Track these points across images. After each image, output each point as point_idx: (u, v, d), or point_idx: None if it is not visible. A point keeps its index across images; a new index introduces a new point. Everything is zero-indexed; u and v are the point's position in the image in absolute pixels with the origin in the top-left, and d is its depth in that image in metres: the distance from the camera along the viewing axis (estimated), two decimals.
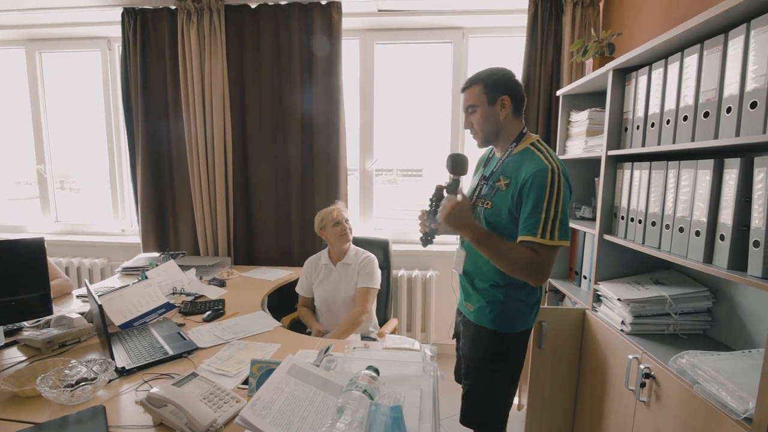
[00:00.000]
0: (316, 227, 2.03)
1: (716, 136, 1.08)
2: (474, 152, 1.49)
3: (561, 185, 1.15)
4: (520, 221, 1.18)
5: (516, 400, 2.07)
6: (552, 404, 1.72)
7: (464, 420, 1.39)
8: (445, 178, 1.33)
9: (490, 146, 1.39)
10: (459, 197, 1.26)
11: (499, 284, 1.29)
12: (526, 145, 1.25)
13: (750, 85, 0.98)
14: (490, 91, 1.24)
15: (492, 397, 1.35)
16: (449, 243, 2.55)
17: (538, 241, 1.13)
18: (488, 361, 1.32)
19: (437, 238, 1.48)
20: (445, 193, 1.30)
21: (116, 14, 2.51)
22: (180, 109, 2.54)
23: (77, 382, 1.10)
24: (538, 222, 1.13)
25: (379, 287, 1.96)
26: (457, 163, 1.28)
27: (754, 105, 0.96)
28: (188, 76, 2.47)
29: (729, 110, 1.03)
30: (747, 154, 1.02)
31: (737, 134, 1.01)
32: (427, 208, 1.35)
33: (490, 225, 1.26)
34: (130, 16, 2.49)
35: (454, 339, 1.58)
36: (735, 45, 1.02)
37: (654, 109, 1.33)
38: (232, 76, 2.51)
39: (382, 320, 2.15)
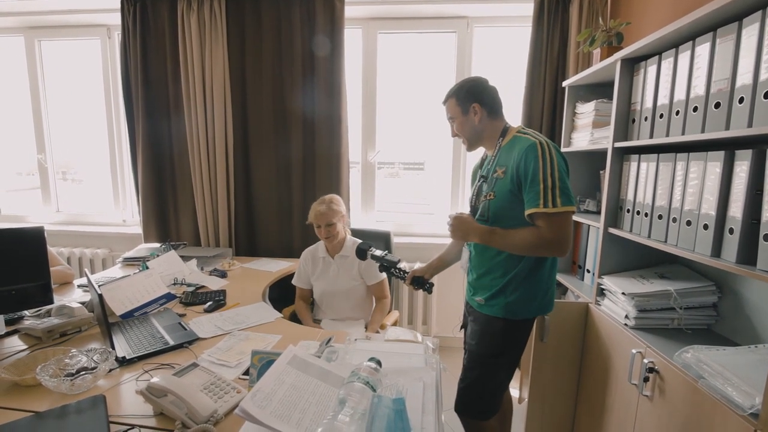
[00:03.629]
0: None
1: (727, 127, 1.05)
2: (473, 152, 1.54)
3: (552, 155, 1.19)
4: (524, 197, 1.22)
5: (517, 393, 2.07)
6: (553, 398, 1.72)
7: (461, 410, 1.41)
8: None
9: (481, 158, 1.49)
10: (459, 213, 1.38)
11: (506, 274, 1.32)
12: (512, 136, 1.33)
13: (764, 75, 0.95)
14: (462, 102, 1.36)
15: (492, 389, 1.39)
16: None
17: (542, 210, 1.17)
18: (495, 355, 1.35)
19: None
20: (391, 269, 1.57)
21: (116, 1, 2.47)
22: (180, 98, 2.52)
23: (77, 372, 1.10)
24: (538, 193, 1.17)
25: (385, 277, 1.96)
26: (358, 251, 1.61)
27: None
28: (189, 64, 2.44)
29: (741, 100, 1.01)
30: (759, 145, 1.00)
31: (749, 125, 0.98)
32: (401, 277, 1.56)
33: (497, 213, 1.29)
34: (129, 3, 2.46)
35: (462, 330, 1.60)
36: (749, 33, 0.99)
37: (663, 99, 1.30)
38: (233, 64, 2.48)
39: None
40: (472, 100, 1.33)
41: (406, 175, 2.97)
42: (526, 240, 1.20)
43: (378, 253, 1.59)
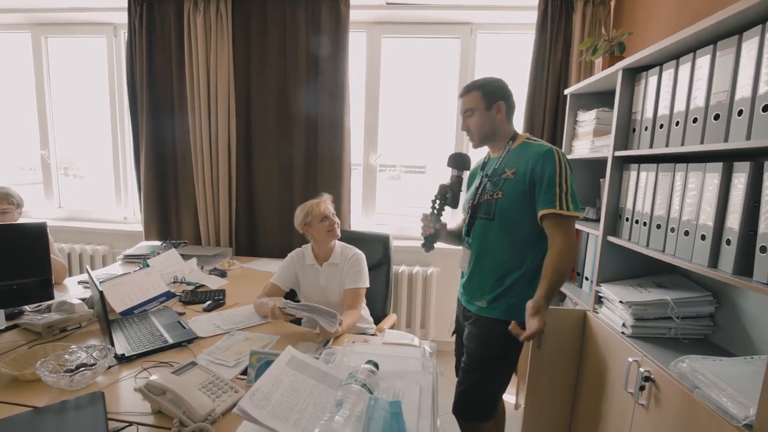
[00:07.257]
0: (298, 224, 1.76)
1: (726, 139, 1.06)
2: (475, 150, 1.54)
3: (566, 163, 1.28)
4: (538, 197, 1.27)
5: (513, 400, 2.07)
6: (550, 405, 1.72)
7: (460, 413, 1.42)
8: (443, 179, 1.44)
9: (483, 160, 1.50)
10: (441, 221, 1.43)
11: (508, 275, 1.35)
12: (522, 141, 1.39)
13: (763, 88, 0.96)
14: (487, 96, 1.36)
15: (494, 391, 1.40)
16: None
17: (557, 212, 1.23)
18: (499, 357, 1.36)
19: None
20: (448, 194, 1.41)
21: (123, 0, 2.49)
22: (185, 98, 2.53)
23: (77, 368, 1.10)
24: (554, 195, 1.24)
25: (368, 285, 1.75)
26: (461, 159, 1.42)
27: (766, 108, 0.94)
28: (194, 64, 2.46)
29: (740, 113, 1.02)
30: (757, 158, 1.00)
31: (748, 137, 0.99)
32: (429, 211, 1.45)
33: (505, 211, 1.33)
34: (136, 2, 2.48)
35: (454, 336, 1.60)
36: (749, 46, 1.00)
37: (663, 110, 1.31)
38: (238, 66, 2.50)
39: (381, 315, 2.14)
40: (499, 97, 1.36)
41: (407, 178, 2.98)
42: (554, 255, 1.23)
43: (462, 184, 1.43)
